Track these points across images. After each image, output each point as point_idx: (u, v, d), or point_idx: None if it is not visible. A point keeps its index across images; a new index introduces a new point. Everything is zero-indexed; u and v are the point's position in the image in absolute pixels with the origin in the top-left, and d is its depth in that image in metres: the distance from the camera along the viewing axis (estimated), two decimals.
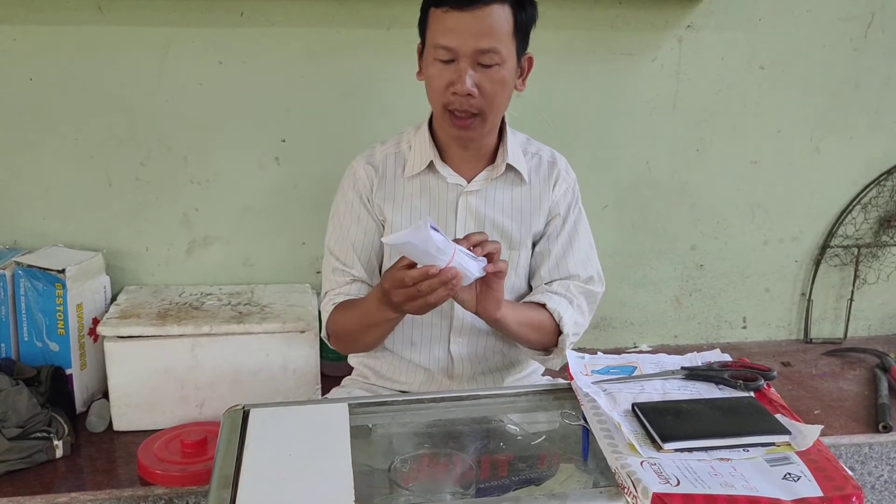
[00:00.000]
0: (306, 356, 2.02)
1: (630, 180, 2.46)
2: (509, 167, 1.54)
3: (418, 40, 1.51)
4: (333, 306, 1.55)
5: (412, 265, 1.25)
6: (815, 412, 2.17)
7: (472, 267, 1.26)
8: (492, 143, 1.54)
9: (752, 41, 2.40)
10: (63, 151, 2.17)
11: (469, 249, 1.27)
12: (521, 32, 1.43)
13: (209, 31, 2.14)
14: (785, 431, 1.11)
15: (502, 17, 1.38)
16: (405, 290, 1.26)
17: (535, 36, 2.25)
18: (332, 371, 2.17)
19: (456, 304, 1.53)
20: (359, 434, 1.24)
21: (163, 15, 2.11)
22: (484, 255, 1.29)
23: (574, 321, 1.50)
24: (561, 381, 1.56)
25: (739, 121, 2.46)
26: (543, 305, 1.49)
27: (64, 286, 1.97)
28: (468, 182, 1.53)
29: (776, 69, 2.43)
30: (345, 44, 2.20)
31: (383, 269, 1.58)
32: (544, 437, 1.31)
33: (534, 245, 1.60)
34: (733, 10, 2.35)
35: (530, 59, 1.50)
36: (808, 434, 1.11)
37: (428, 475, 1.19)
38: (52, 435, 1.84)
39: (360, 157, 1.59)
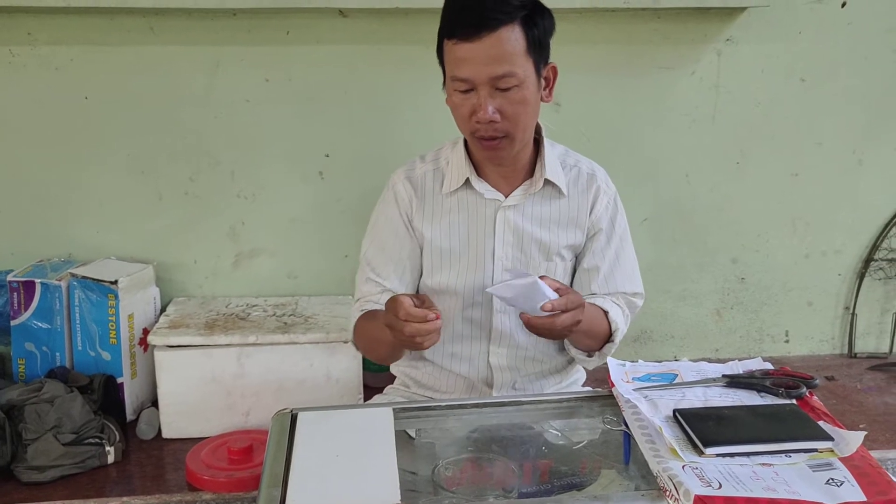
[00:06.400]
0: (349, 366, 2.06)
1: (669, 193, 2.46)
2: (547, 181, 1.55)
3: None
4: (361, 313, 1.56)
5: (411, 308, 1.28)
6: (861, 426, 2.13)
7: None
8: (527, 157, 1.54)
9: (793, 54, 2.40)
10: (116, 167, 2.25)
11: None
12: (537, 47, 1.40)
13: (256, 49, 2.21)
14: (828, 438, 1.11)
15: (512, 38, 1.35)
16: (399, 321, 1.28)
17: (574, 50, 2.29)
18: (374, 382, 2.21)
19: (494, 316, 1.55)
20: (402, 439, 1.26)
21: (212, 34, 2.18)
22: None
23: (622, 331, 1.51)
24: (600, 389, 1.57)
25: (780, 133, 2.46)
26: (605, 313, 1.50)
27: (116, 297, 2.04)
28: (506, 197, 1.55)
29: (817, 81, 2.43)
30: (387, 60, 2.25)
31: (422, 284, 1.61)
32: (585, 443, 1.32)
33: (576, 258, 1.61)
34: (773, 23, 2.35)
35: (554, 69, 1.46)
36: (851, 440, 1.10)
37: (471, 479, 1.21)
38: (104, 441, 1.90)
39: (399, 172, 1.60)
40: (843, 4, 2.37)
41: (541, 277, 1.31)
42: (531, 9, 1.37)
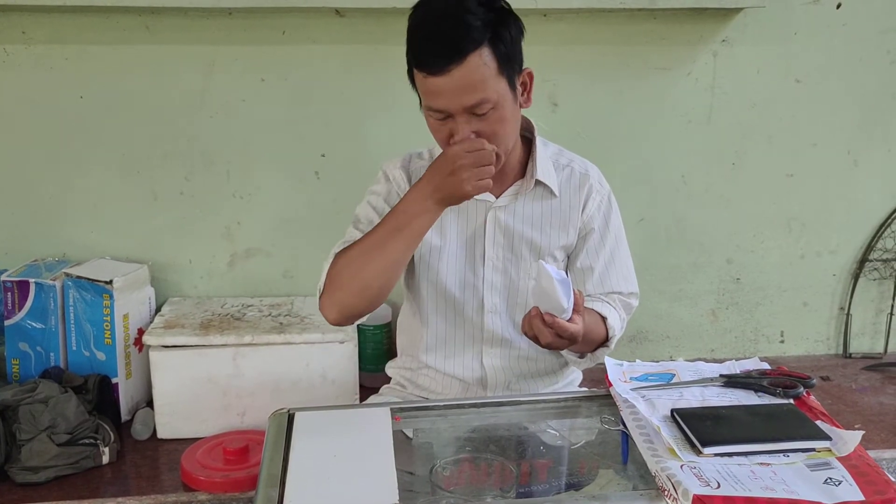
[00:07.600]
0: (345, 366, 2.06)
1: (666, 194, 2.47)
2: (539, 182, 1.54)
3: None
4: (344, 246, 1.46)
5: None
6: (856, 426, 2.14)
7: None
8: (518, 157, 1.52)
9: (788, 55, 2.40)
10: (111, 166, 2.24)
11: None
12: (507, 63, 1.35)
13: (252, 49, 2.20)
14: (825, 437, 1.11)
15: (481, 63, 1.30)
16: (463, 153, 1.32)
17: (570, 51, 2.30)
18: (370, 382, 2.20)
19: (486, 316, 1.55)
20: (399, 439, 1.26)
21: (207, 34, 2.17)
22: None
23: (618, 337, 1.51)
24: (597, 389, 1.57)
25: (775, 134, 2.46)
26: (604, 319, 1.49)
27: (111, 297, 2.03)
28: (497, 197, 1.54)
29: (812, 82, 2.43)
30: (383, 60, 2.24)
31: (416, 276, 1.60)
32: (583, 443, 1.32)
33: (568, 257, 1.60)
34: (768, 24, 2.36)
35: (530, 74, 1.43)
36: (848, 440, 1.11)
37: (469, 479, 1.21)
38: (98, 441, 1.89)
39: (394, 160, 1.58)
40: (839, 6, 2.38)
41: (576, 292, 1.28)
42: (495, 24, 1.32)
